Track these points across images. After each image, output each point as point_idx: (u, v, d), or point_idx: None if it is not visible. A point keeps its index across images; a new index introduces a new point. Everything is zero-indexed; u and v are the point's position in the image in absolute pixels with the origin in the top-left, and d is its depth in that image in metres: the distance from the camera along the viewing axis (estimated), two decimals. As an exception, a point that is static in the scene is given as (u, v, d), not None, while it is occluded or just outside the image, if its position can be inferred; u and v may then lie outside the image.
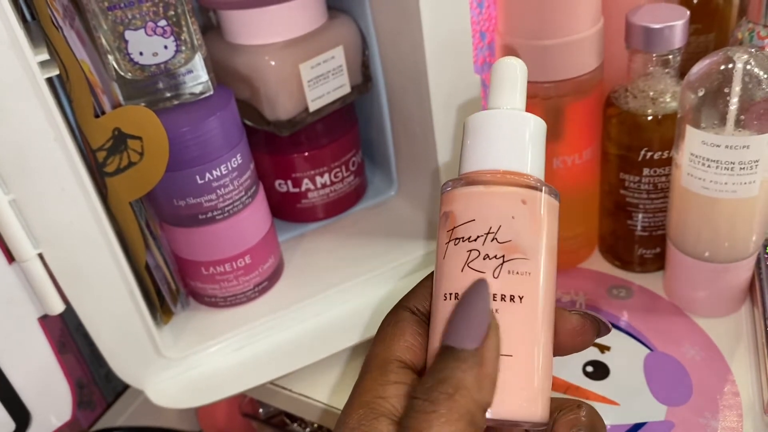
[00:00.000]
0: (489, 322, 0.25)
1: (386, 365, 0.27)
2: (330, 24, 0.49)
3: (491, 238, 0.26)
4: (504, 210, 0.26)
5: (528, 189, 0.26)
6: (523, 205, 0.26)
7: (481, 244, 0.26)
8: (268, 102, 0.47)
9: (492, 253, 0.26)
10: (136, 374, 0.46)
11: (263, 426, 0.64)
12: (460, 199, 0.27)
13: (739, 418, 0.43)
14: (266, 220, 0.50)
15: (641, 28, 0.45)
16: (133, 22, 0.40)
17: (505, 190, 0.26)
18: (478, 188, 0.26)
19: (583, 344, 0.29)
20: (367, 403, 0.26)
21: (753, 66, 0.41)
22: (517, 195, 0.26)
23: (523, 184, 0.26)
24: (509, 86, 0.28)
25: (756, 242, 0.46)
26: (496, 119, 0.27)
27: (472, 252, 0.26)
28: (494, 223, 0.26)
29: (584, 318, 0.28)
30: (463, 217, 0.26)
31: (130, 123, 0.39)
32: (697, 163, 0.43)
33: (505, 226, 0.26)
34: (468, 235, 0.26)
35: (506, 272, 0.26)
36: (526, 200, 0.26)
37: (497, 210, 0.26)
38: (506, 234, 0.26)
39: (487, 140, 0.27)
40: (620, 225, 0.53)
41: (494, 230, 0.26)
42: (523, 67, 0.28)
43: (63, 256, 0.40)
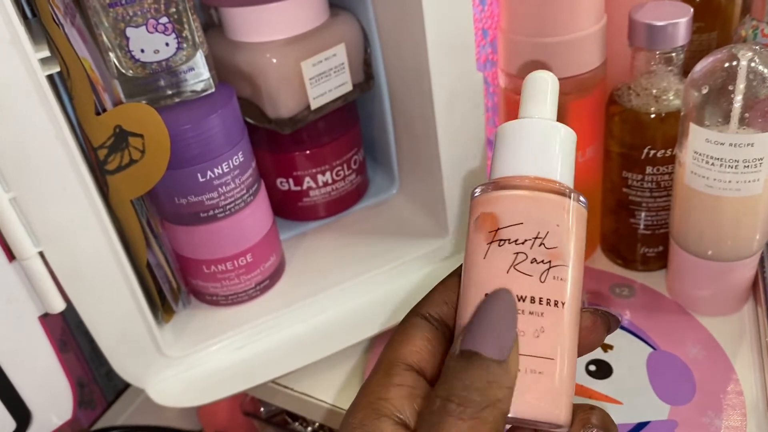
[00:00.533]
0: (515, 336, 0.26)
1: (391, 368, 0.27)
2: (332, 21, 0.49)
3: (539, 243, 0.26)
4: (551, 216, 0.27)
5: (566, 198, 0.27)
6: (564, 213, 0.27)
7: (529, 247, 0.26)
8: (269, 100, 0.47)
9: (539, 257, 0.26)
10: (137, 373, 0.46)
11: (264, 425, 0.63)
12: (503, 201, 0.27)
13: (742, 417, 0.43)
14: (268, 219, 0.49)
15: (644, 25, 0.45)
16: (135, 19, 0.40)
17: (551, 198, 0.27)
18: (523, 192, 0.27)
19: (596, 342, 0.29)
20: (370, 404, 0.26)
21: (757, 63, 0.40)
22: (561, 203, 0.27)
23: (563, 193, 0.27)
24: (541, 98, 0.29)
25: (759, 241, 0.46)
26: (533, 128, 0.28)
27: (519, 255, 0.26)
28: (542, 228, 0.26)
29: (595, 315, 0.29)
30: (509, 220, 0.27)
31: (132, 120, 0.38)
32: (700, 161, 0.43)
33: (552, 232, 0.26)
34: (515, 238, 0.27)
35: (552, 278, 0.26)
36: (567, 208, 0.27)
37: (545, 216, 0.27)
38: (553, 240, 0.26)
39: (524, 147, 0.28)
40: (623, 223, 0.53)
41: (542, 235, 0.26)
42: (555, 80, 0.29)
43: (64, 255, 0.40)
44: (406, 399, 0.26)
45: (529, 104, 0.29)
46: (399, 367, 0.27)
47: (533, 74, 0.29)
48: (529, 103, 0.29)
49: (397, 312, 0.49)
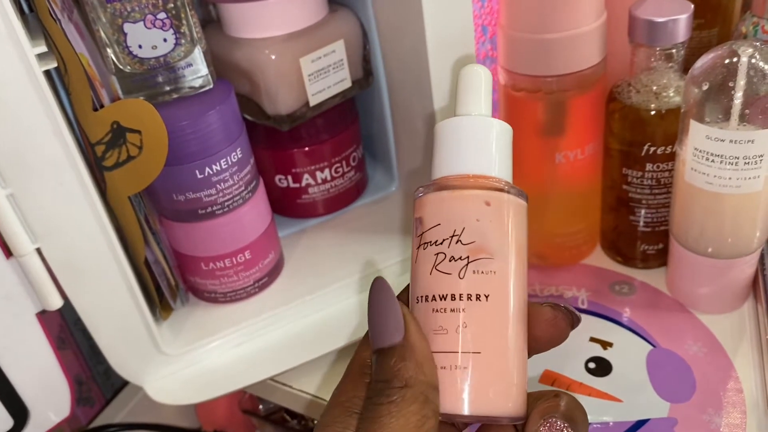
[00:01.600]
0: (401, 312, 0.27)
1: (363, 368, 0.28)
2: (331, 18, 0.48)
3: (456, 241, 0.27)
4: (467, 213, 0.27)
5: (491, 191, 0.27)
6: (486, 207, 0.27)
7: (447, 246, 0.27)
8: (268, 96, 0.47)
9: (457, 254, 0.27)
10: (135, 370, 0.46)
11: (263, 422, 0.63)
12: (428, 204, 0.28)
13: (742, 414, 0.43)
14: (266, 216, 0.49)
15: (645, 21, 0.45)
16: (132, 15, 0.39)
17: (468, 194, 0.27)
18: (443, 193, 0.28)
19: (560, 337, 0.29)
20: (342, 402, 0.27)
21: (758, 60, 0.40)
22: (479, 197, 0.27)
23: (486, 187, 0.27)
24: (474, 93, 0.29)
25: (760, 238, 0.46)
26: (461, 125, 0.29)
27: (439, 255, 0.27)
28: (458, 225, 0.27)
29: (556, 309, 0.29)
30: (431, 222, 0.28)
31: (129, 116, 0.38)
32: (700, 158, 0.43)
33: (468, 227, 0.27)
34: (435, 239, 0.27)
35: (471, 272, 0.27)
36: (489, 202, 0.27)
37: (461, 213, 0.27)
38: (470, 235, 0.27)
39: (453, 146, 0.29)
40: (623, 221, 0.53)
41: (458, 233, 0.27)
42: (488, 74, 0.30)
43: (61, 251, 0.40)
44: None
45: (463, 100, 0.29)
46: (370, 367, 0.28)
47: (466, 68, 0.29)
48: (463, 100, 0.29)
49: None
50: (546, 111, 0.48)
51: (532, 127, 0.50)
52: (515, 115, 0.50)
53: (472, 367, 0.26)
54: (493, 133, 0.28)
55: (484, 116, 0.29)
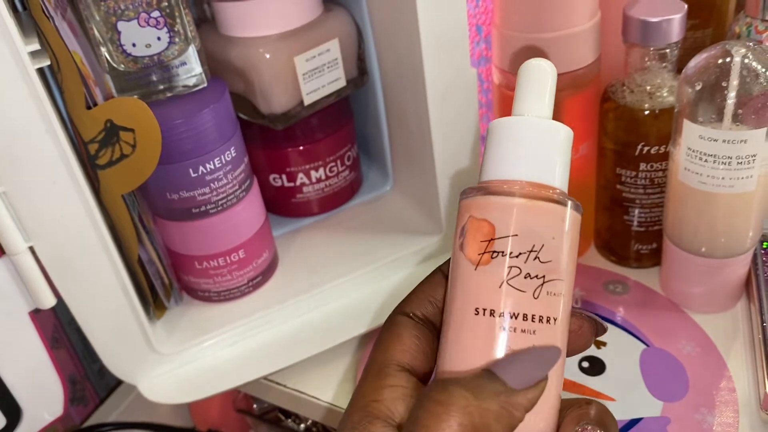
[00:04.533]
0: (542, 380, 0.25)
1: (383, 369, 0.27)
2: (325, 16, 0.48)
3: (534, 257, 0.25)
4: (548, 228, 0.25)
5: (562, 206, 0.26)
6: (560, 223, 0.25)
7: (523, 261, 0.25)
8: (262, 95, 0.47)
9: (534, 272, 0.25)
10: (129, 369, 0.46)
11: (257, 422, 0.63)
12: (497, 208, 0.25)
13: (735, 414, 0.43)
14: (260, 215, 0.49)
15: (639, 21, 0.45)
16: (126, 13, 0.39)
17: (549, 207, 0.25)
18: (519, 200, 0.25)
19: (584, 346, 0.28)
20: (363, 407, 0.26)
21: (751, 60, 0.40)
22: (558, 213, 0.25)
23: (558, 200, 0.25)
24: (539, 91, 0.27)
25: (753, 238, 0.46)
26: (530, 127, 0.26)
27: (513, 269, 0.25)
28: (537, 240, 0.25)
29: (581, 319, 0.28)
30: (503, 231, 0.25)
31: (123, 115, 0.38)
32: (694, 158, 0.43)
33: (547, 245, 0.25)
34: (510, 251, 0.25)
35: (545, 293, 0.25)
36: (564, 218, 0.25)
37: (542, 228, 0.25)
38: (548, 254, 0.25)
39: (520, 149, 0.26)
40: (616, 220, 0.53)
41: (537, 249, 0.25)
42: (554, 71, 0.27)
43: (54, 250, 0.40)
44: (399, 400, 0.26)
45: (525, 98, 0.27)
46: (391, 368, 0.27)
47: (530, 63, 0.27)
48: (525, 97, 0.27)
49: (389, 309, 0.49)
50: (540, 110, 0.48)
51: (527, 126, 0.50)
52: (509, 115, 0.50)
53: None
54: (561, 140, 0.26)
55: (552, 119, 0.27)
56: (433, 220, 0.52)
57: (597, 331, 0.29)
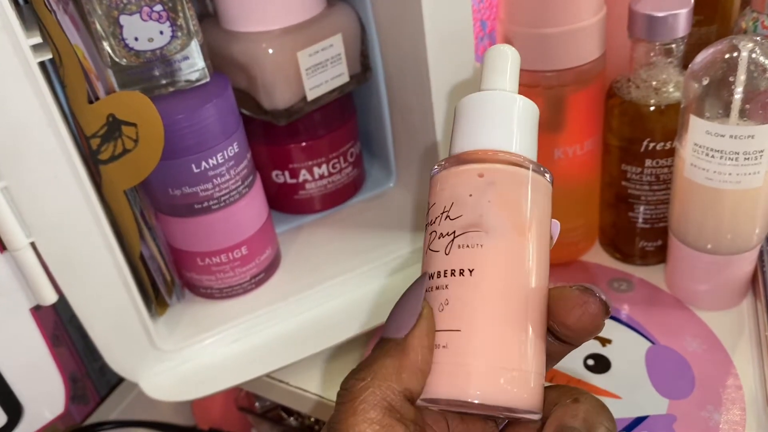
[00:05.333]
0: (419, 312, 0.25)
1: None
2: (328, 12, 0.48)
3: (445, 217, 0.26)
4: (458, 188, 0.26)
5: (491, 164, 0.26)
6: (479, 179, 0.26)
7: (438, 224, 0.26)
8: (265, 90, 0.47)
9: (445, 230, 0.26)
10: (131, 367, 0.46)
11: (259, 420, 0.63)
12: (433, 185, 0.28)
13: (742, 411, 0.43)
14: (263, 211, 0.49)
15: (644, 16, 0.44)
16: (128, 7, 0.39)
17: (461, 169, 0.26)
18: (443, 172, 0.27)
19: (593, 325, 0.25)
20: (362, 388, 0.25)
21: (758, 55, 0.40)
22: (473, 171, 0.26)
23: (486, 160, 0.26)
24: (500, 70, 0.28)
25: (759, 234, 0.46)
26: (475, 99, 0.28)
27: (432, 233, 0.27)
28: (447, 202, 0.26)
29: (585, 293, 0.25)
30: (430, 202, 0.27)
31: (125, 109, 0.38)
32: (700, 154, 0.43)
33: (457, 203, 0.26)
34: (431, 219, 0.27)
35: (456, 247, 0.26)
36: (483, 174, 0.26)
37: (451, 189, 0.26)
38: (457, 210, 0.26)
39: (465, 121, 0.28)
40: (621, 217, 0.53)
41: (447, 209, 0.26)
42: (515, 54, 0.28)
43: (56, 246, 0.39)
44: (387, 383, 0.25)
45: (485, 78, 0.28)
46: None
47: (492, 48, 0.29)
48: (485, 77, 0.28)
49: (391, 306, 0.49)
50: (545, 106, 0.48)
51: (531, 122, 0.49)
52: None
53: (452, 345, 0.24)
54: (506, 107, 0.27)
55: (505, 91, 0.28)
56: (437, 217, 0.52)
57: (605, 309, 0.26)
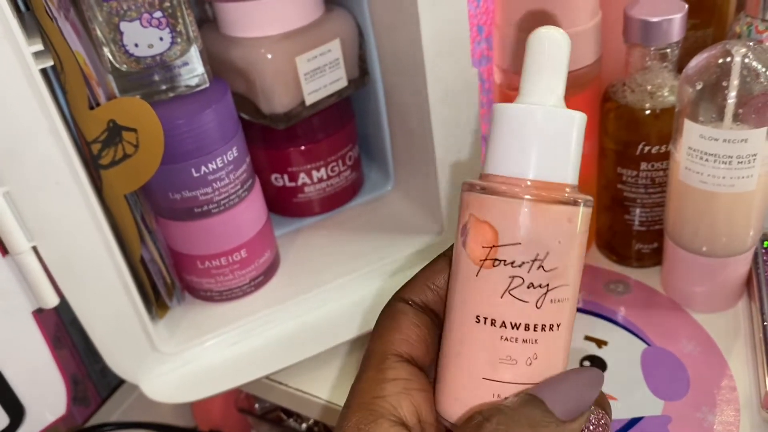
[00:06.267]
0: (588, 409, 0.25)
1: (383, 361, 0.26)
2: (327, 17, 0.49)
3: (537, 266, 0.24)
4: (552, 234, 0.24)
5: (572, 206, 0.24)
6: (568, 225, 0.24)
7: (527, 271, 0.24)
8: (264, 95, 0.47)
9: (537, 281, 0.24)
10: (131, 369, 0.46)
11: (259, 421, 0.63)
12: (499, 210, 0.24)
13: (736, 412, 0.43)
14: (262, 214, 0.49)
15: (639, 21, 0.45)
16: (129, 14, 0.39)
17: (556, 210, 0.24)
18: (524, 204, 0.24)
19: None
20: (365, 404, 0.25)
21: (751, 60, 0.40)
22: (564, 214, 0.24)
23: (567, 201, 0.24)
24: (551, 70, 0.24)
25: (753, 237, 0.46)
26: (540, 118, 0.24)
27: (515, 279, 0.24)
28: (542, 248, 0.24)
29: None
30: (507, 237, 0.24)
31: (125, 115, 0.38)
32: (695, 157, 0.43)
33: (552, 252, 0.24)
34: (512, 260, 0.24)
35: (549, 302, 0.24)
36: (571, 219, 0.24)
37: (548, 233, 0.24)
38: (552, 261, 0.24)
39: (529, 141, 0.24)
40: (617, 220, 0.53)
41: (542, 257, 0.24)
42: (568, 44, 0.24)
43: (57, 249, 0.40)
44: (402, 394, 0.25)
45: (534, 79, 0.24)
46: (391, 360, 0.26)
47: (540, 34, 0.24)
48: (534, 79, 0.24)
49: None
50: (541, 110, 0.49)
51: (528, 126, 0.50)
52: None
53: None
54: (575, 132, 0.24)
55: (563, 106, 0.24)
56: (434, 220, 0.52)
57: None
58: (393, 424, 0.24)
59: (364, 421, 0.24)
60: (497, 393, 0.25)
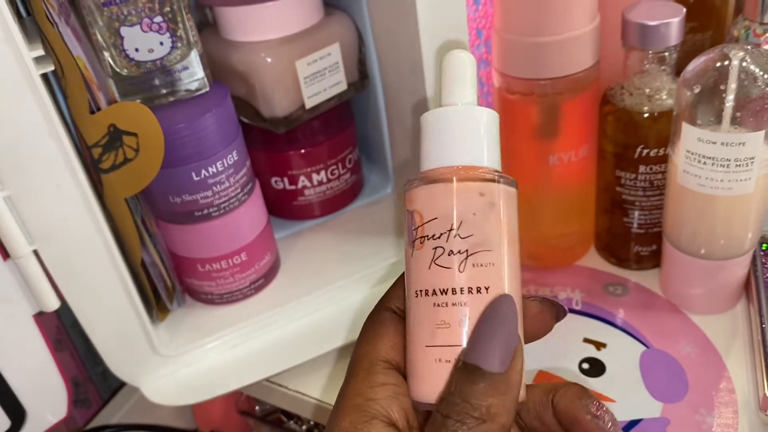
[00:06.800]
0: (516, 345, 0.25)
1: (372, 366, 0.27)
2: (326, 21, 0.49)
3: (454, 235, 0.27)
4: (465, 206, 0.27)
5: (485, 182, 0.27)
6: (481, 198, 0.27)
7: (446, 240, 0.27)
8: (264, 99, 0.47)
9: (456, 248, 0.27)
10: (132, 371, 0.46)
11: (260, 423, 0.64)
12: (422, 197, 0.28)
13: (734, 414, 0.43)
14: (262, 218, 0.50)
15: (637, 25, 0.45)
16: (129, 19, 0.40)
17: (463, 186, 0.27)
18: (437, 186, 0.28)
19: (544, 330, 0.30)
20: (357, 406, 0.26)
21: (749, 63, 0.41)
22: (474, 189, 0.27)
23: (480, 178, 0.28)
24: (460, 81, 0.29)
25: (752, 239, 0.46)
26: (451, 115, 0.29)
27: (438, 249, 0.27)
28: (456, 220, 0.27)
29: (542, 303, 0.29)
30: (427, 216, 0.28)
31: (126, 119, 0.38)
32: (693, 160, 0.43)
33: (466, 221, 0.27)
34: (432, 233, 0.27)
35: (471, 265, 0.27)
36: (484, 193, 0.27)
37: (459, 207, 0.27)
38: (468, 229, 0.27)
39: (444, 137, 0.28)
40: (616, 222, 0.53)
41: (456, 227, 0.27)
42: (473, 61, 0.29)
43: (58, 253, 0.40)
44: (392, 398, 0.26)
45: (450, 89, 0.29)
46: (380, 366, 0.27)
47: (451, 56, 0.29)
48: (448, 88, 0.29)
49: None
50: (540, 113, 0.49)
51: (527, 129, 0.50)
52: (510, 118, 0.50)
53: None
54: (482, 123, 0.29)
55: (472, 105, 0.29)
56: (434, 223, 0.52)
57: (558, 315, 0.30)
58: (385, 425, 0.25)
59: (359, 422, 0.25)
60: (438, 357, 0.26)
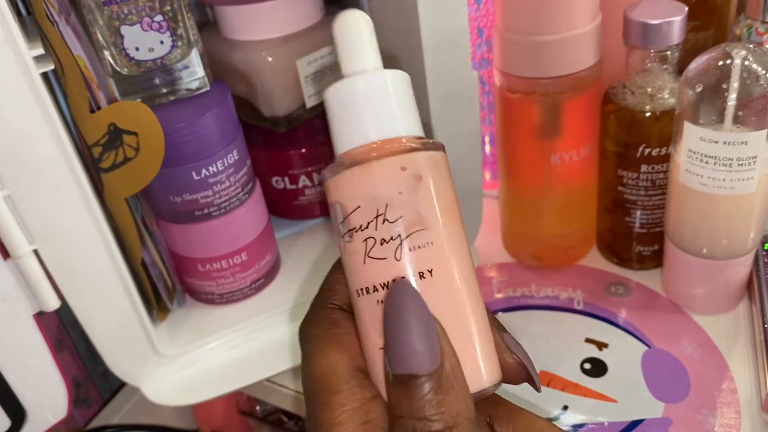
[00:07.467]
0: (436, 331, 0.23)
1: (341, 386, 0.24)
2: (327, 20, 0.49)
3: (382, 221, 0.24)
4: (387, 186, 0.24)
5: (404, 154, 0.24)
6: (403, 173, 0.24)
7: (374, 229, 0.24)
8: (264, 98, 0.47)
9: (387, 235, 0.24)
10: (133, 372, 0.46)
11: (260, 424, 0.63)
12: (341, 186, 0.25)
13: (737, 414, 0.43)
14: (263, 217, 0.49)
15: (639, 24, 0.45)
16: (129, 18, 0.40)
17: (380, 164, 0.24)
18: (354, 171, 0.24)
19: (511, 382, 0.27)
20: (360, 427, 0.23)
21: (751, 62, 0.40)
22: (395, 165, 0.24)
23: (398, 151, 0.24)
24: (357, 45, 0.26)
25: (754, 239, 0.46)
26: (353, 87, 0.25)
27: (369, 240, 0.24)
28: (381, 204, 0.24)
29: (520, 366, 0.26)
30: (350, 206, 0.24)
31: (126, 118, 0.38)
32: (695, 160, 0.43)
33: (392, 203, 0.24)
34: (359, 224, 0.24)
35: (408, 250, 0.24)
36: (405, 166, 0.24)
37: (380, 188, 0.24)
38: (396, 212, 0.24)
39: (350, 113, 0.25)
40: (618, 222, 0.53)
41: (382, 211, 0.24)
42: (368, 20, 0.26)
43: (58, 253, 0.40)
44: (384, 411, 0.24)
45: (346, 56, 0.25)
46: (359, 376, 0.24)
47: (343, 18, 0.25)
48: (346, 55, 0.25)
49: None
50: (541, 113, 0.49)
51: (528, 128, 0.50)
52: (511, 117, 0.50)
53: None
54: (389, 88, 0.25)
55: (376, 70, 0.26)
56: (435, 222, 0.52)
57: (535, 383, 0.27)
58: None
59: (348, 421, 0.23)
60: None
